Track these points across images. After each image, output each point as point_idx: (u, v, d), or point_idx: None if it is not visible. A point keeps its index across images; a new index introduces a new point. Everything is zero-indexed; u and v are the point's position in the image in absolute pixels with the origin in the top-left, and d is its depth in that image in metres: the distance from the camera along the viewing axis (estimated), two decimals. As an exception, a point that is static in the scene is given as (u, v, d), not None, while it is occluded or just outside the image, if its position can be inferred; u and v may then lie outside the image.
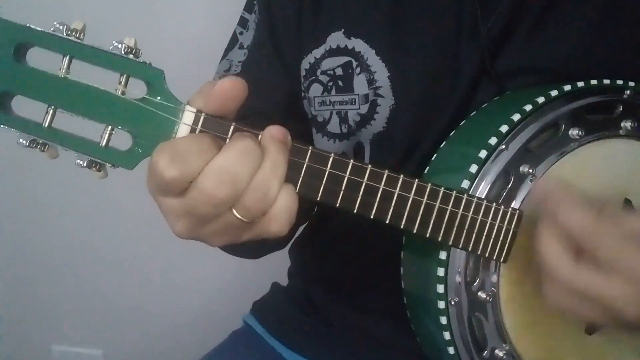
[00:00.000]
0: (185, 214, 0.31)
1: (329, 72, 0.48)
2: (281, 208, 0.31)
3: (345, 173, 0.34)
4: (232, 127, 0.32)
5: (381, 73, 0.46)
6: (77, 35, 0.30)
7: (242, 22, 0.55)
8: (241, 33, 0.55)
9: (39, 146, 0.31)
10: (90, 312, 0.98)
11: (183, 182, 0.30)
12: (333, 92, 0.48)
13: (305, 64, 0.49)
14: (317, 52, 0.48)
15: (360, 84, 0.47)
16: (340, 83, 0.47)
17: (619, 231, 0.34)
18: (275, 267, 0.63)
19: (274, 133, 0.32)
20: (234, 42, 0.55)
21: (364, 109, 0.47)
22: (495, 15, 0.44)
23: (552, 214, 0.35)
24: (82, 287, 0.96)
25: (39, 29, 0.30)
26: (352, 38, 0.47)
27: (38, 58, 0.31)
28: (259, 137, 0.32)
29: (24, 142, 0.31)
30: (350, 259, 0.54)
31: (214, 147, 0.30)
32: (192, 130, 0.31)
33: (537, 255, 0.36)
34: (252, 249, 0.46)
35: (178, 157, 0.29)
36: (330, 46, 0.48)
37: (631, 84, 0.42)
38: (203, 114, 0.32)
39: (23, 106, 0.31)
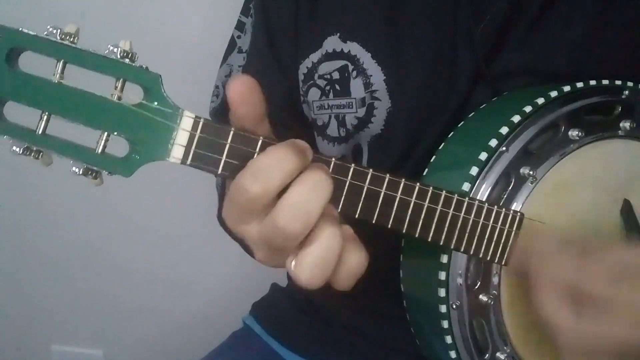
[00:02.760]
0: (263, 245, 0.32)
1: (325, 76, 0.47)
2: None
3: (347, 178, 0.33)
4: (231, 132, 0.31)
5: (377, 76, 0.46)
6: (71, 39, 0.30)
7: (240, 26, 0.55)
8: (239, 37, 0.54)
9: (33, 154, 0.30)
10: (90, 312, 0.98)
11: (267, 197, 0.30)
12: (330, 96, 0.48)
13: (303, 69, 0.49)
14: (314, 57, 0.48)
15: (356, 87, 0.46)
16: (337, 87, 0.47)
17: (606, 270, 0.35)
18: (275, 268, 0.62)
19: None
20: (232, 46, 0.55)
21: (361, 112, 0.46)
22: (488, 17, 0.44)
23: (539, 271, 0.36)
24: (82, 287, 0.96)
25: (32, 33, 0.29)
26: (347, 42, 0.47)
27: (31, 63, 0.31)
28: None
29: (18, 149, 0.30)
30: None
31: (290, 154, 0.30)
32: (191, 136, 0.31)
33: (539, 315, 0.36)
34: None
35: (258, 172, 0.29)
36: (327, 50, 0.47)
37: (629, 84, 0.42)
38: (202, 119, 0.31)
39: (16, 113, 0.31)
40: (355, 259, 0.32)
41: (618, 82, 0.42)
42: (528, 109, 0.39)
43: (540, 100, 0.40)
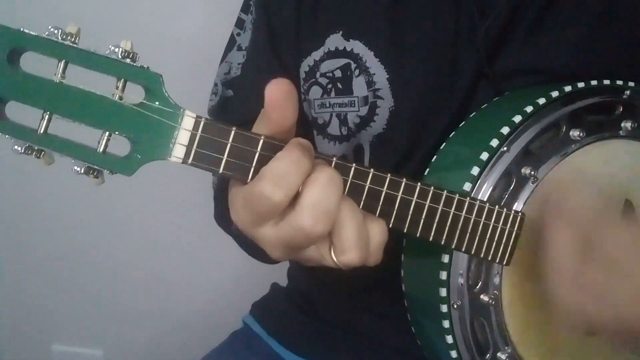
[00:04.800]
0: (281, 246, 0.32)
1: (328, 74, 0.47)
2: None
3: (348, 177, 0.33)
4: (232, 132, 0.31)
5: (380, 75, 0.46)
6: (72, 39, 0.30)
7: (239, 23, 0.55)
8: (238, 34, 0.54)
9: (34, 153, 0.30)
10: (90, 312, 0.98)
11: (287, 202, 0.30)
12: (332, 94, 0.47)
13: (304, 67, 0.49)
14: (316, 55, 0.48)
15: (359, 86, 0.46)
16: (339, 85, 0.47)
17: (632, 237, 0.34)
18: (275, 268, 0.62)
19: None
20: (232, 43, 0.55)
21: (364, 111, 0.46)
22: (492, 17, 0.44)
23: (565, 209, 0.35)
24: (82, 287, 0.96)
25: (33, 33, 0.29)
26: (350, 40, 0.46)
27: (32, 63, 0.31)
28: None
29: (19, 148, 0.30)
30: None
31: (302, 155, 0.30)
32: (193, 136, 0.31)
33: (543, 249, 0.35)
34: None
35: (278, 179, 0.29)
36: (329, 48, 0.47)
37: (631, 84, 0.42)
38: (203, 118, 0.31)
39: (18, 112, 0.31)
40: (378, 228, 0.33)
41: (619, 82, 0.42)
42: (529, 109, 0.39)
43: (542, 100, 0.40)
